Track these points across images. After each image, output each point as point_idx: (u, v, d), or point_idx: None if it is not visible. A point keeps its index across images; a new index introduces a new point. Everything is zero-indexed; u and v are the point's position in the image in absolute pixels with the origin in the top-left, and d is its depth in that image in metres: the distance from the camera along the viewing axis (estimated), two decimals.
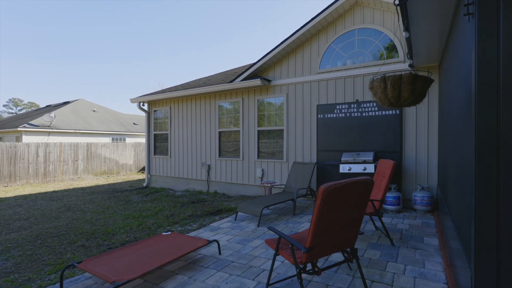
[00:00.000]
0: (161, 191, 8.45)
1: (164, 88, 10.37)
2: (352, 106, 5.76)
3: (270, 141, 6.96)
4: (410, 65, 4.92)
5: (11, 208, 6.58)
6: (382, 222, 3.54)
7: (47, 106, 25.81)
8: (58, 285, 2.72)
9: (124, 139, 19.90)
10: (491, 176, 1.61)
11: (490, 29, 1.59)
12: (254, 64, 6.87)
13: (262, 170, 6.99)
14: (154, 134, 9.32)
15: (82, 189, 9.55)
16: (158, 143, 9.28)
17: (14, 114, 42.92)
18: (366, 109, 5.60)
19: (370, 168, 4.99)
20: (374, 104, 5.55)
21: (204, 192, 7.89)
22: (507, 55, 1.55)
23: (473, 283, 1.67)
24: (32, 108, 56.70)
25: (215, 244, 3.67)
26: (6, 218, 5.61)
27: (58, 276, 2.92)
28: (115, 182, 11.47)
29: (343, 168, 5.25)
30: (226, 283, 2.68)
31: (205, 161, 8.05)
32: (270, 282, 2.60)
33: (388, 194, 5.01)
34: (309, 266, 2.61)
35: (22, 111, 55.67)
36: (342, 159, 5.35)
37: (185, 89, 8.26)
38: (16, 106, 65.87)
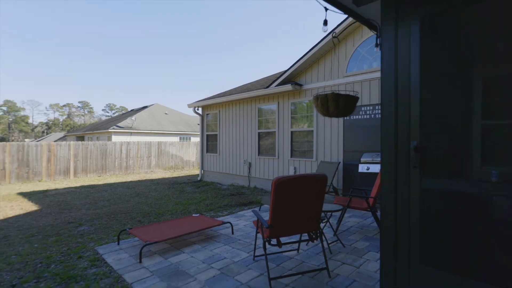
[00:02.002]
0: (211, 184, 9.71)
1: (225, 90, 11.80)
2: (377, 107, 5.89)
3: (302, 141, 7.46)
4: None
5: (99, 192, 8.60)
6: (376, 217, 3.84)
7: (131, 110, 30.62)
8: (116, 242, 3.90)
9: (189, 138, 22.43)
10: (390, 172, 2.02)
11: (389, 56, 2.00)
12: (286, 71, 7.47)
13: (295, 168, 7.54)
14: (207, 135, 10.68)
15: (151, 180, 11.53)
16: (209, 142, 10.61)
17: (109, 117, 51.64)
18: None
19: None
20: None
21: (245, 187, 8.82)
22: (400, 78, 1.95)
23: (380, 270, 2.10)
24: (123, 111, 66.99)
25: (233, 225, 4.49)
26: (95, 199, 7.47)
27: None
28: (178, 176, 13.35)
29: (362, 168, 5.48)
30: (227, 253, 3.47)
31: (246, 158, 8.97)
32: (257, 254, 3.29)
33: None
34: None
35: (115, 114, 66.26)
36: (361, 159, 5.58)
37: (231, 94, 9.33)
38: (111, 110, 78.38)
